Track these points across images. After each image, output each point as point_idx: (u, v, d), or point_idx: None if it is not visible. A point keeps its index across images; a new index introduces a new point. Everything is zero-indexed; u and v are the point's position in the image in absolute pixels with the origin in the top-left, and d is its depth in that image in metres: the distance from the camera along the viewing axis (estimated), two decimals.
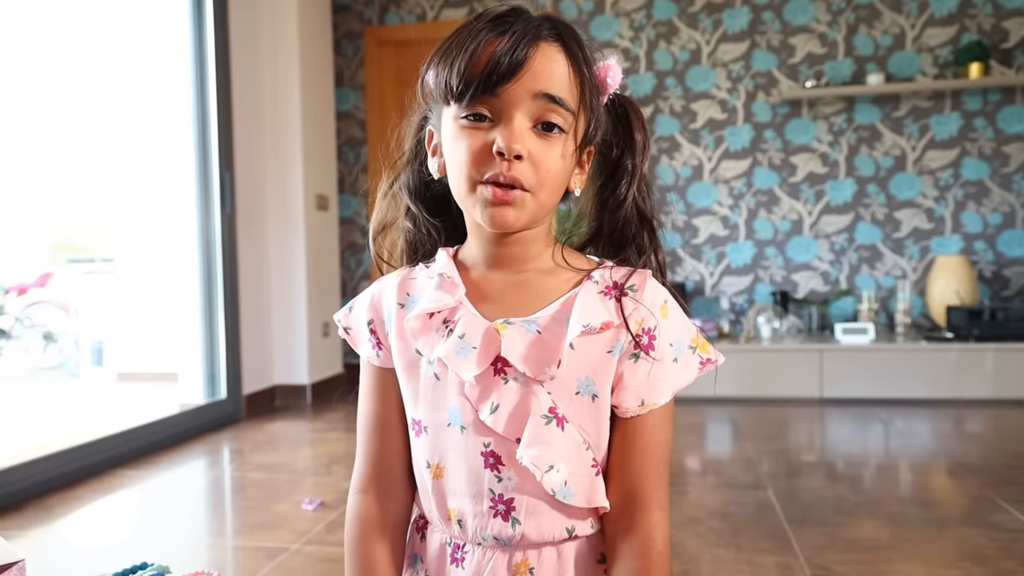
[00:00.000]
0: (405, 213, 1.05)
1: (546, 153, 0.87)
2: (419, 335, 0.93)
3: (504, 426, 0.87)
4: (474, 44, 0.85)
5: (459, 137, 0.87)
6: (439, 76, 0.88)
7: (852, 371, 4.32)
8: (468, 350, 0.88)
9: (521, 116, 0.85)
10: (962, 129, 4.79)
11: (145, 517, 2.73)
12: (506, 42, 0.84)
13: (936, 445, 3.45)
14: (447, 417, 0.91)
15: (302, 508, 2.63)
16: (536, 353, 0.87)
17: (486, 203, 0.86)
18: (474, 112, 0.86)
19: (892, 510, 2.51)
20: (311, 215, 4.73)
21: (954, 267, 4.56)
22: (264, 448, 3.55)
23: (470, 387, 0.88)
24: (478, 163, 0.86)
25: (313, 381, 4.72)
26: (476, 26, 0.87)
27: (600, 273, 0.93)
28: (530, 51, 0.84)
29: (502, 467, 0.89)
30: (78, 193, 5.71)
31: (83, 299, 6.07)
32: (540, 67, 0.85)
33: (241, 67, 4.35)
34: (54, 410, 5.21)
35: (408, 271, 1.01)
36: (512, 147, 0.84)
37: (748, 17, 4.98)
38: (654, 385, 0.91)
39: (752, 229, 5.05)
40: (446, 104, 0.89)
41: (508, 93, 0.84)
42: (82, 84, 5.11)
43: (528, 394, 0.88)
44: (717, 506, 2.59)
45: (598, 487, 0.90)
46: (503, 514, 0.89)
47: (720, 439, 3.67)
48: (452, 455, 0.91)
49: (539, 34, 0.85)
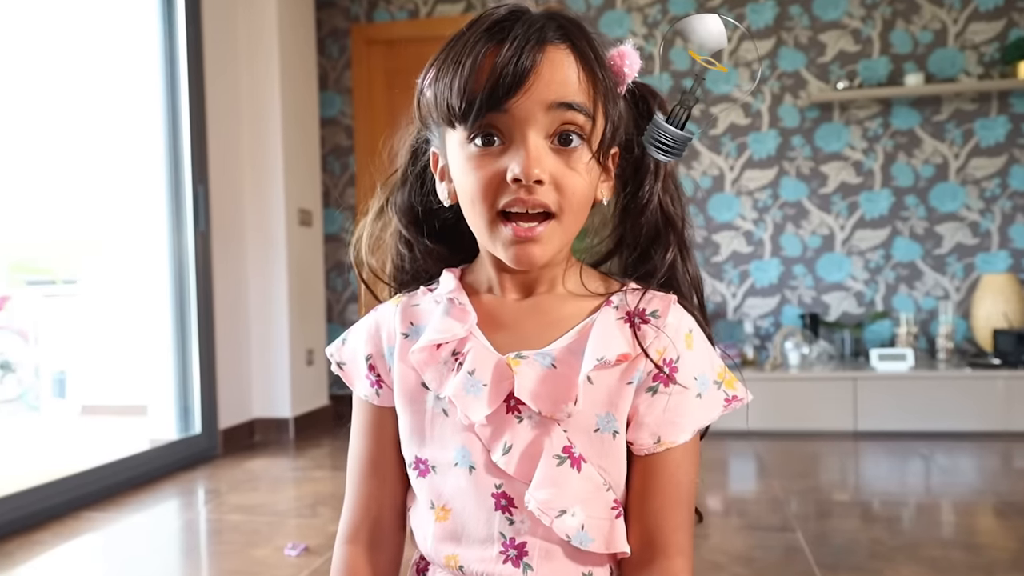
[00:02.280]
0: (399, 237, 1.05)
1: (568, 171, 0.86)
2: (425, 367, 0.93)
3: (516, 468, 0.88)
4: (472, 56, 0.84)
5: (468, 167, 0.87)
6: (438, 96, 0.87)
7: (889, 401, 4.34)
8: (479, 388, 0.89)
9: (535, 134, 0.84)
10: (1010, 134, 4.83)
11: (112, 564, 2.75)
12: (508, 50, 0.82)
13: (982, 483, 3.47)
14: (453, 456, 0.92)
15: (285, 554, 2.66)
16: (550, 390, 0.88)
17: (508, 242, 0.86)
18: (482, 134, 0.85)
19: (934, 554, 2.53)
20: (293, 232, 4.78)
21: (1001, 286, 4.59)
22: (243, 488, 3.57)
23: (481, 427, 0.89)
24: (494, 194, 0.85)
25: (296, 414, 4.74)
26: (472, 35, 0.86)
27: (619, 297, 0.94)
28: (536, 57, 0.83)
29: (514, 509, 0.89)
30: (37, 209, 5.75)
31: (43, 325, 6.09)
32: (549, 73, 0.83)
33: (215, 68, 4.40)
34: (12, 447, 5.23)
35: (408, 297, 1.02)
36: (531, 172, 0.83)
37: (774, 12, 5.04)
38: (672, 421, 0.91)
39: (778, 245, 5.08)
40: (449, 127, 0.88)
41: (517, 108, 0.83)
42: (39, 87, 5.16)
43: (542, 434, 0.88)
44: (741, 550, 2.61)
45: (618, 531, 0.90)
46: (514, 559, 0.89)
47: (744, 476, 3.69)
48: (460, 497, 0.92)
49: (543, 36, 0.84)
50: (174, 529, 3.14)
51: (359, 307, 1.07)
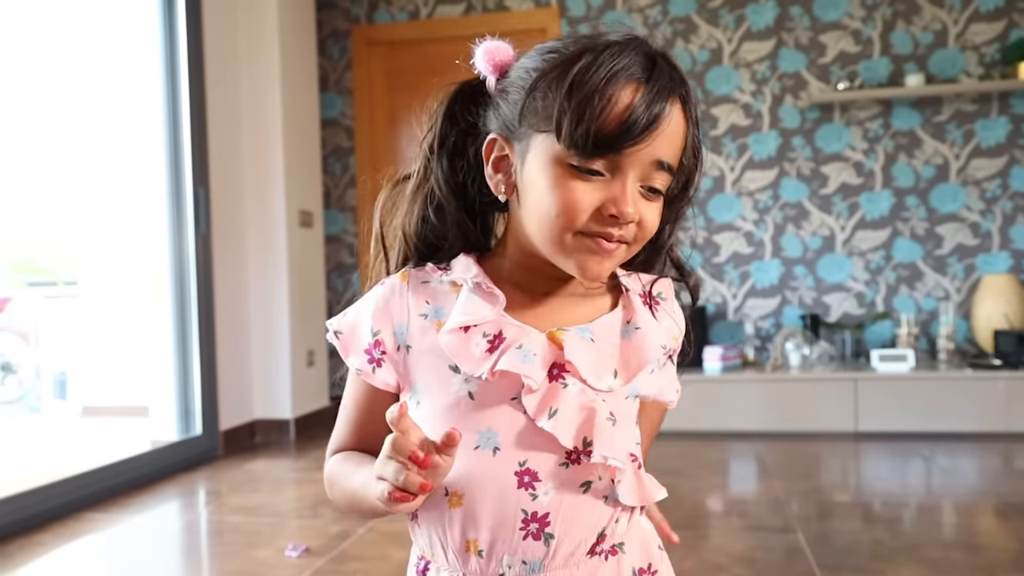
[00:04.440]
0: (428, 201, 1.03)
1: (650, 215, 0.92)
2: (457, 351, 0.94)
3: (563, 431, 0.91)
4: (612, 90, 0.86)
5: (564, 182, 0.89)
6: (563, 117, 0.87)
7: (890, 402, 4.34)
8: (531, 358, 0.92)
9: (633, 179, 0.89)
10: (1010, 135, 4.84)
11: (113, 565, 2.76)
12: (644, 99, 0.86)
13: (983, 484, 3.48)
14: (476, 439, 0.93)
15: (285, 555, 2.66)
16: (594, 362, 0.95)
17: (587, 251, 0.91)
18: (589, 168, 0.88)
19: (935, 555, 2.54)
20: (294, 233, 4.78)
21: (1002, 287, 4.59)
22: (243, 489, 3.58)
23: (528, 396, 0.92)
24: (583, 217, 0.89)
25: (297, 415, 4.75)
26: (611, 68, 0.86)
27: (627, 281, 1.03)
28: (663, 114, 0.87)
29: (538, 483, 0.92)
30: (39, 210, 5.75)
31: (44, 326, 6.09)
32: (667, 132, 0.88)
33: (216, 70, 4.41)
34: (13, 448, 5.24)
35: (416, 272, 1.02)
36: (628, 214, 0.88)
37: (774, 13, 5.04)
38: (671, 387, 1.07)
39: (779, 246, 5.09)
40: (559, 143, 0.88)
41: (631, 155, 0.87)
42: (41, 89, 5.17)
43: (589, 399, 0.93)
44: (742, 551, 2.61)
45: (646, 483, 0.97)
46: (535, 533, 0.92)
47: (745, 477, 3.70)
48: (477, 480, 0.93)
49: (672, 88, 0.88)
50: (175, 530, 3.15)
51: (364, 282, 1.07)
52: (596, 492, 0.94)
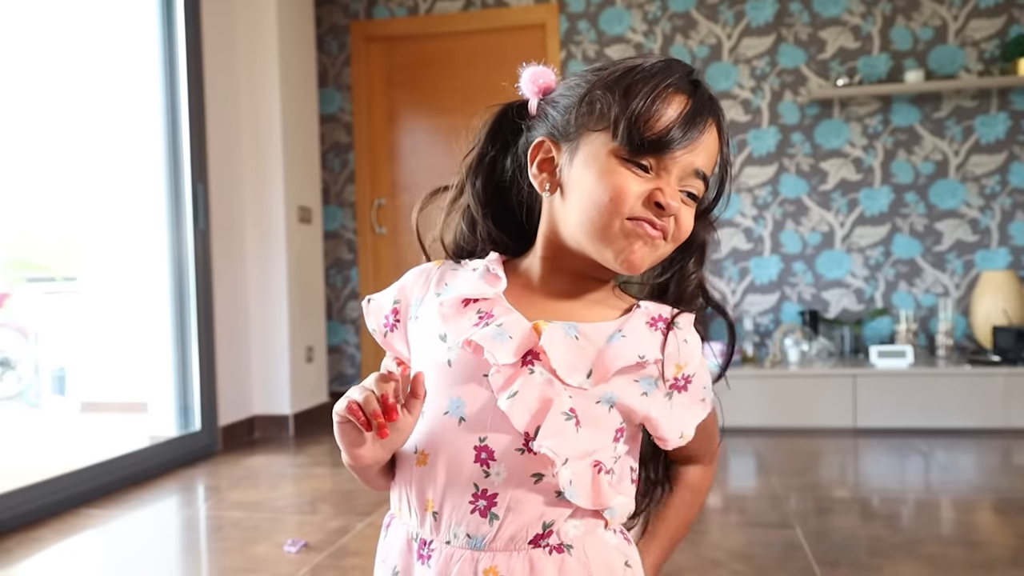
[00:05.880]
0: (464, 214, 1.14)
1: (687, 217, 1.00)
2: (450, 319, 1.03)
3: (517, 414, 0.95)
4: (665, 99, 0.96)
5: (616, 170, 0.97)
6: (621, 117, 0.96)
7: (888, 398, 4.35)
8: (505, 338, 0.97)
9: (675, 179, 0.98)
10: (1010, 131, 4.84)
11: (112, 560, 2.76)
12: (691, 108, 0.97)
13: (981, 480, 3.48)
14: (447, 405, 1.00)
15: (284, 550, 2.67)
16: (571, 358, 0.98)
17: (633, 236, 0.97)
18: (640, 162, 0.96)
19: (933, 551, 2.54)
20: (293, 229, 4.78)
21: (1001, 283, 4.59)
22: (242, 484, 3.58)
23: (495, 374, 0.97)
24: (632, 201, 0.96)
25: (296, 411, 4.75)
26: (665, 80, 0.97)
27: (646, 304, 1.06)
28: (705, 126, 0.98)
29: (492, 462, 0.97)
30: (37, 206, 5.75)
31: (43, 322, 6.09)
32: (706, 144, 0.99)
33: (215, 65, 4.41)
34: (12, 444, 5.24)
35: (449, 262, 1.13)
36: (672, 205, 0.96)
37: (774, 8, 5.04)
38: (687, 420, 1.05)
39: (778, 242, 5.09)
40: (613, 139, 0.97)
41: (675, 158, 0.97)
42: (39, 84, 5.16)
43: (552, 391, 0.96)
44: (740, 547, 2.62)
45: (603, 487, 0.99)
46: (482, 510, 0.97)
47: (743, 473, 3.70)
48: (442, 445, 1.00)
49: (712, 108, 0.99)
50: (174, 526, 3.15)
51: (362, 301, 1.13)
52: (548, 486, 0.97)
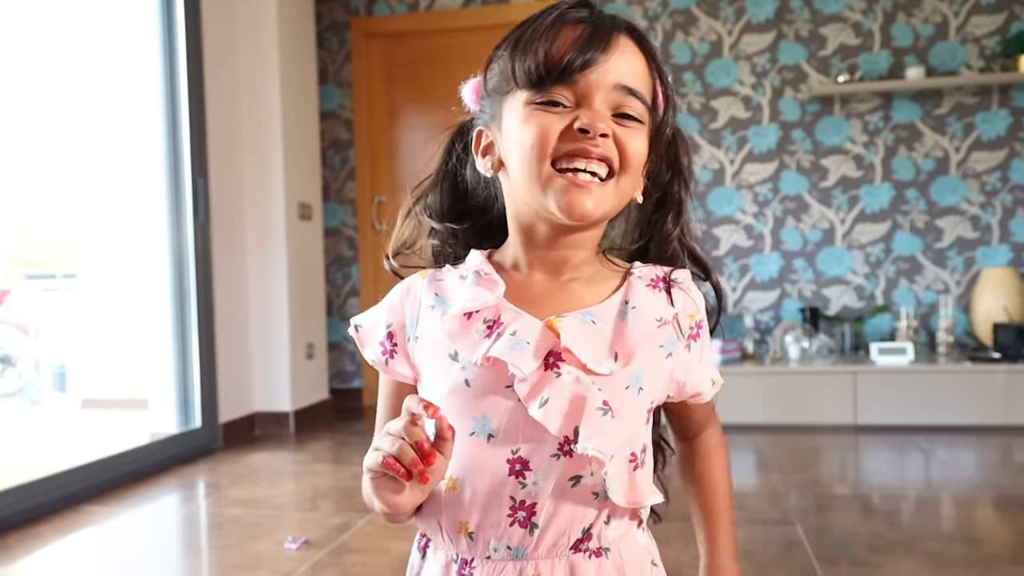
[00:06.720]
0: (428, 233, 1.12)
1: (631, 141, 0.94)
2: (457, 336, 0.97)
3: (552, 420, 0.91)
4: (553, 31, 0.92)
5: (533, 117, 0.93)
6: (515, 63, 0.94)
7: (889, 395, 4.34)
8: (523, 345, 0.93)
9: (601, 104, 0.93)
10: (1011, 128, 4.84)
11: (113, 557, 2.76)
12: (586, 30, 0.92)
13: (982, 476, 3.48)
14: (472, 426, 0.95)
15: (284, 547, 2.67)
16: (594, 345, 0.95)
17: (563, 190, 0.92)
18: (551, 99, 0.92)
19: (933, 548, 2.54)
20: (293, 225, 4.78)
21: (1002, 280, 4.59)
22: (243, 481, 3.58)
23: (520, 383, 0.92)
24: (553, 138, 0.92)
25: (296, 408, 4.75)
26: (551, 16, 0.94)
27: (639, 269, 1.04)
28: (610, 40, 0.92)
29: (528, 472, 0.93)
30: (37, 202, 5.74)
31: (43, 318, 6.09)
32: (619, 58, 0.93)
33: (215, 61, 4.40)
34: (12, 440, 5.24)
35: (433, 272, 1.07)
36: (597, 125, 0.90)
37: (774, 5, 5.04)
38: (710, 366, 1.06)
39: (779, 239, 5.09)
40: (518, 89, 0.95)
41: (587, 80, 0.92)
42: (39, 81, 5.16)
43: (582, 388, 0.93)
44: (740, 543, 2.61)
45: (639, 483, 0.96)
46: (522, 521, 0.94)
47: (743, 470, 3.70)
48: (472, 467, 0.95)
49: (616, 25, 0.94)
50: (174, 523, 3.15)
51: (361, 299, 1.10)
52: (586, 488, 0.94)
